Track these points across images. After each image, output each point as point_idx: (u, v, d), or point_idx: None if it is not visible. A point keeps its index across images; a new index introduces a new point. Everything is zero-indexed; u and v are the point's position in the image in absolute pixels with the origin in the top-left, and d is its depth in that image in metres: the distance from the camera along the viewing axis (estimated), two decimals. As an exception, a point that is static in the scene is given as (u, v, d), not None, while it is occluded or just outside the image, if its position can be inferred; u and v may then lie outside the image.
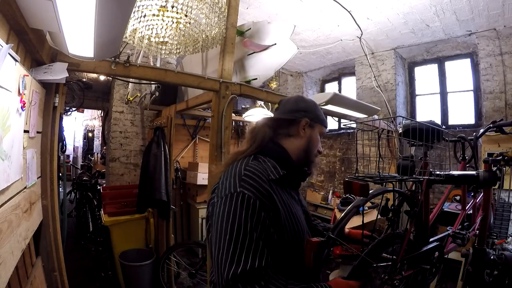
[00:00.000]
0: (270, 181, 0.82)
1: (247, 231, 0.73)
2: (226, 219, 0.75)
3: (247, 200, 0.76)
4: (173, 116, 2.75)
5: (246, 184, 0.78)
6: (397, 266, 1.17)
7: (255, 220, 0.75)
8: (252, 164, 0.85)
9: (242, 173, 0.81)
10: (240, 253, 0.70)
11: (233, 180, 0.81)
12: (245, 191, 0.77)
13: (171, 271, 2.66)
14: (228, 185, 0.80)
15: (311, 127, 0.98)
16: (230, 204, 0.76)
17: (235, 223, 0.73)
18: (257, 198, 0.77)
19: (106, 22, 0.97)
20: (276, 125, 0.97)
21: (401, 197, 1.30)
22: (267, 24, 2.23)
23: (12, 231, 1.02)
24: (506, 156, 1.42)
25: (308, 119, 0.97)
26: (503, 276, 1.43)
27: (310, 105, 1.01)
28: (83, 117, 9.85)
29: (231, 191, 0.78)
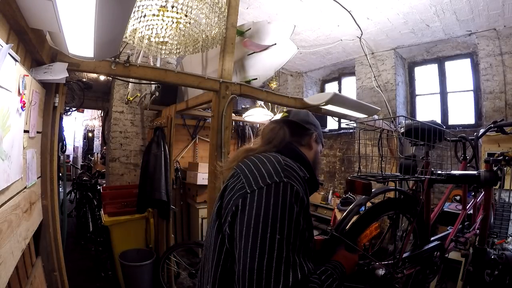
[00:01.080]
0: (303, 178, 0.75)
1: (299, 231, 0.62)
2: (273, 215, 0.61)
3: (295, 194, 0.65)
4: (173, 116, 2.74)
5: (291, 175, 0.68)
6: (398, 264, 1.18)
7: (306, 218, 0.66)
8: (286, 158, 0.77)
9: (282, 162, 0.71)
10: (294, 261, 0.59)
11: (272, 168, 0.69)
12: (293, 183, 0.66)
13: (171, 271, 2.66)
14: (266, 173, 0.68)
15: (317, 143, 0.98)
16: (276, 196, 0.63)
17: (287, 220, 0.61)
18: (303, 194, 0.68)
19: (106, 22, 0.96)
20: (293, 130, 0.94)
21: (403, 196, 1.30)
22: (267, 24, 2.23)
23: (12, 231, 1.02)
24: (507, 156, 1.42)
25: (317, 134, 0.98)
26: (504, 276, 1.43)
27: (318, 123, 1.02)
28: (83, 117, 9.85)
29: (274, 180, 0.66)
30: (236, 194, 0.68)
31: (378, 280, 1.02)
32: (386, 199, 1.22)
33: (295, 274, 0.57)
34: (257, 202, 0.63)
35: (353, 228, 1.10)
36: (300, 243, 0.61)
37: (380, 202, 1.19)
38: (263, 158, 0.75)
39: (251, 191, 0.65)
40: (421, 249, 1.34)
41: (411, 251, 1.34)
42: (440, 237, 1.51)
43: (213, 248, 0.72)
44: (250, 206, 0.63)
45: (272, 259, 0.57)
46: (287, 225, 0.60)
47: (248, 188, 0.67)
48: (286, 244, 0.58)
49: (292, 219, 0.61)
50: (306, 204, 0.67)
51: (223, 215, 0.71)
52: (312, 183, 0.85)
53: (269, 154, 0.79)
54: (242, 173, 0.73)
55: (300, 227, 0.62)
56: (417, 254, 1.31)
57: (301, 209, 0.65)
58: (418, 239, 1.37)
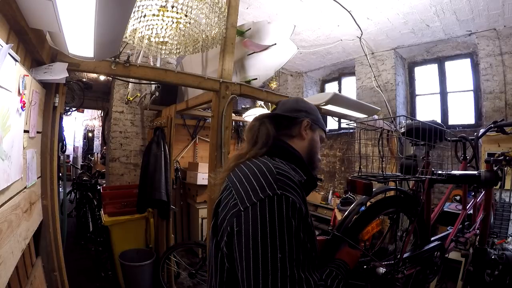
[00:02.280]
0: (298, 184, 0.69)
1: (300, 244, 0.59)
2: (271, 234, 0.57)
3: (292, 206, 0.61)
4: (173, 116, 2.74)
5: (285, 185, 0.64)
6: (399, 264, 1.17)
7: (305, 228, 0.63)
8: (278, 164, 0.71)
9: (274, 172, 0.66)
10: (299, 277, 0.56)
11: (263, 180, 0.64)
12: (288, 194, 0.62)
13: (171, 271, 2.66)
14: (258, 186, 0.63)
15: (312, 130, 0.89)
16: (272, 212, 0.59)
17: (286, 237, 0.58)
18: (300, 204, 0.63)
19: (106, 22, 0.96)
20: (277, 123, 0.85)
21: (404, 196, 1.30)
22: (267, 24, 2.23)
23: (12, 231, 1.02)
24: (507, 156, 1.42)
25: (310, 120, 0.88)
26: (504, 276, 1.43)
27: (311, 106, 0.94)
28: (83, 117, 9.84)
29: (267, 193, 0.61)
30: (229, 212, 0.65)
31: (379, 279, 1.02)
32: (386, 197, 1.22)
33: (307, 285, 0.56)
34: (253, 221, 0.59)
35: (355, 225, 1.10)
36: (304, 256, 0.59)
37: (381, 200, 1.19)
38: (253, 168, 0.69)
39: (244, 208, 0.62)
40: (421, 249, 1.34)
41: (411, 251, 1.34)
42: (440, 237, 1.51)
43: (214, 266, 0.70)
44: (246, 225, 0.60)
45: (276, 280, 0.55)
46: (287, 241, 0.57)
47: (241, 206, 0.63)
48: (289, 261, 0.56)
49: (292, 234, 0.58)
50: (304, 214, 0.64)
51: (219, 233, 0.68)
52: (310, 183, 0.80)
53: (259, 160, 0.73)
54: (234, 187, 0.68)
55: (300, 240, 0.60)
56: (417, 254, 1.31)
57: (300, 221, 0.61)
58: (418, 239, 1.37)
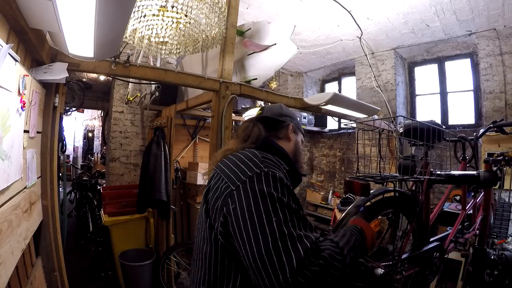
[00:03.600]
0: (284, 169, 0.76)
1: (293, 210, 0.63)
2: (263, 201, 0.62)
3: (279, 179, 0.66)
4: (173, 116, 2.74)
5: (270, 165, 0.70)
6: (397, 265, 1.17)
7: (294, 195, 0.67)
8: (263, 153, 0.77)
9: (259, 156, 0.73)
10: (298, 235, 0.59)
11: (250, 162, 0.71)
12: (274, 171, 0.68)
13: (171, 271, 2.66)
14: (246, 168, 0.69)
15: (296, 133, 0.99)
16: (260, 183, 0.64)
17: (280, 201, 0.62)
18: (287, 180, 0.69)
19: (106, 22, 0.97)
20: (268, 125, 0.95)
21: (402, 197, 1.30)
22: (267, 24, 2.23)
23: (12, 231, 1.02)
24: (506, 156, 1.42)
25: (294, 124, 0.98)
26: (504, 276, 1.43)
27: (293, 114, 1.03)
28: (83, 117, 9.85)
29: (255, 171, 0.67)
30: (222, 194, 0.69)
31: (377, 280, 1.02)
32: (385, 197, 1.22)
33: (303, 245, 0.58)
34: (245, 195, 0.64)
35: None
36: (298, 219, 0.62)
37: (379, 200, 1.19)
38: (240, 155, 0.76)
39: (236, 187, 0.67)
40: (420, 250, 1.34)
41: (410, 252, 1.34)
42: (439, 238, 1.51)
43: (206, 246, 0.73)
44: (240, 200, 0.64)
45: (276, 241, 0.57)
46: (280, 207, 0.62)
47: (232, 186, 0.68)
48: (284, 223, 0.59)
49: (283, 201, 0.63)
50: (291, 189, 0.68)
51: (211, 215, 0.72)
52: (294, 176, 0.85)
53: (246, 150, 0.79)
54: (223, 173, 0.73)
55: (292, 207, 0.63)
56: (416, 255, 1.31)
57: (289, 193, 0.66)
58: (417, 239, 1.37)
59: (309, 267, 0.55)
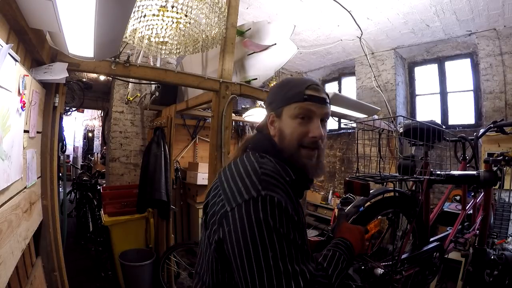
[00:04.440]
0: (286, 182, 0.69)
1: (290, 241, 0.60)
2: (259, 231, 0.58)
3: (277, 204, 0.61)
4: (173, 116, 2.74)
5: (269, 185, 0.64)
6: (397, 265, 1.17)
7: (294, 226, 0.63)
8: (263, 161, 0.71)
9: (259, 172, 0.66)
10: (293, 271, 0.58)
11: (248, 180, 0.65)
12: (272, 194, 0.62)
13: (171, 271, 2.66)
14: (243, 187, 0.64)
15: (278, 117, 0.80)
16: (257, 212, 0.60)
17: (277, 232, 0.59)
18: (286, 203, 0.63)
19: (106, 22, 0.97)
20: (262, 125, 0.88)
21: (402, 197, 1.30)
22: (267, 24, 2.23)
23: (12, 231, 1.02)
24: (506, 156, 1.42)
25: (272, 110, 0.81)
26: (503, 276, 1.43)
27: (272, 92, 0.85)
28: (83, 117, 9.84)
29: (251, 194, 0.62)
30: (218, 211, 0.66)
31: (377, 280, 1.02)
32: (384, 197, 1.22)
33: (297, 283, 0.57)
34: (240, 221, 0.60)
35: None
36: (295, 251, 0.60)
37: (379, 200, 1.19)
38: (240, 167, 0.70)
39: (231, 209, 0.63)
40: (420, 250, 1.34)
41: (410, 252, 1.34)
42: (439, 238, 1.51)
43: (208, 254, 0.72)
44: (234, 225, 0.61)
45: (271, 278, 0.57)
46: (276, 239, 0.59)
47: (227, 206, 0.64)
48: (280, 258, 0.58)
49: (280, 232, 0.59)
50: (292, 212, 0.63)
51: (208, 227, 0.70)
52: (301, 182, 0.77)
53: (247, 158, 0.73)
54: (221, 186, 0.69)
55: (290, 236, 0.60)
56: (416, 255, 1.31)
57: (288, 220, 0.62)
58: (417, 239, 1.37)
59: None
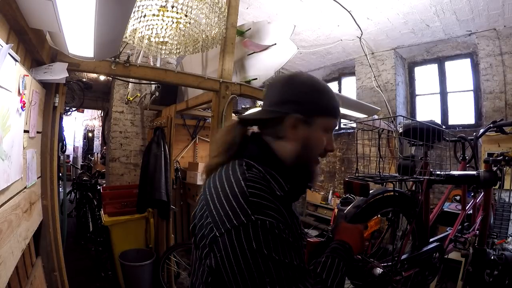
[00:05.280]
0: (277, 198, 0.63)
1: (286, 265, 0.57)
2: (255, 263, 0.55)
3: (270, 230, 0.57)
4: (173, 116, 2.74)
5: (259, 207, 0.58)
6: (397, 266, 1.17)
7: (290, 248, 0.59)
8: (251, 176, 0.63)
9: (247, 194, 0.59)
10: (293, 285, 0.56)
11: (235, 202, 0.59)
12: (264, 218, 0.57)
13: (171, 271, 2.66)
14: (230, 211, 0.59)
15: (308, 124, 0.68)
16: (249, 240, 0.56)
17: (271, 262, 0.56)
18: (279, 224, 0.59)
19: (106, 22, 0.97)
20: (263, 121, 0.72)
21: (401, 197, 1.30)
22: (267, 24, 2.23)
23: (12, 231, 1.02)
24: (506, 156, 1.42)
25: (300, 114, 0.67)
26: (503, 276, 1.43)
27: (302, 91, 0.69)
28: (83, 117, 9.84)
29: (241, 220, 0.57)
30: (207, 235, 0.61)
31: (376, 280, 1.02)
32: (383, 196, 1.22)
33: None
34: (232, 250, 0.56)
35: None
36: (293, 272, 0.58)
37: (377, 199, 1.19)
38: (225, 186, 0.63)
39: (220, 234, 0.58)
40: (419, 250, 1.34)
41: (410, 252, 1.34)
42: (439, 238, 1.51)
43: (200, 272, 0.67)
44: (226, 254, 0.57)
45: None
46: (273, 266, 0.56)
47: (216, 231, 0.59)
48: (278, 283, 0.55)
49: (275, 259, 0.56)
50: (286, 236, 0.60)
51: (198, 248, 0.65)
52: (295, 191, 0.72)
53: (233, 172, 0.65)
54: (208, 207, 0.63)
55: (286, 260, 0.57)
56: (415, 256, 1.31)
57: (283, 244, 0.58)
58: (417, 240, 1.37)
59: None
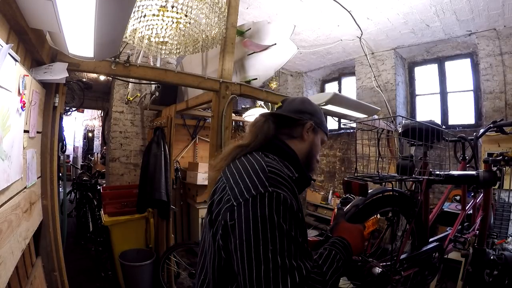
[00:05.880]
0: (290, 180, 0.73)
1: (291, 238, 0.62)
2: (263, 225, 0.61)
3: (283, 201, 0.64)
4: (173, 116, 2.75)
5: (276, 182, 0.67)
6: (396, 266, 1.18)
7: (297, 220, 0.66)
8: (270, 160, 0.75)
9: (266, 170, 0.69)
10: (290, 266, 0.60)
11: (256, 177, 0.68)
12: (279, 191, 0.65)
13: (171, 271, 2.66)
14: (250, 184, 0.67)
15: (315, 132, 0.91)
16: (262, 206, 0.63)
17: (279, 228, 0.61)
18: (292, 200, 0.66)
19: (106, 22, 0.97)
20: (279, 122, 0.88)
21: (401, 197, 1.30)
22: (267, 24, 2.23)
23: (12, 231, 1.02)
24: (506, 156, 1.42)
25: (314, 123, 0.90)
26: (503, 276, 1.43)
27: (316, 109, 0.94)
28: (83, 117, 9.85)
29: (259, 190, 0.65)
30: (223, 207, 0.68)
31: (375, 279, 1.02)
32: (382, 196, 1.22)
33: (293, 278, 0.59)
34: (245, 216, 0.63)
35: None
36: (295, 247, 0.62)
37: (376, 198, 1.19)
38: (247, 165, 0.74)
39: (238, 203, 0.65)
40: (419, 250, 1.34)
41: (409, 252, 1.34)
42: (439, 238, 1.51)
43: (210, 254, 0.73)
44: (239, 220, 0.63)
45: (268, 270, 0.59)
46: (278, 235, 0.61)
47: (234, 201, 0.66)
48: (279, 253, 0.60)
49: (283, 229, 0.62)
50: (296, 210, 0.67)
51: (214, 225, 0.71)
52: (303, 180, 0.83)
53: (253, 157, 0.77)
54: (228, 183, 0.72)
55: (292, 234, 0.63)
56: (415, 256, 1.31)
57: (291, 217, 0.65)
58: (416, 240, 1.37)
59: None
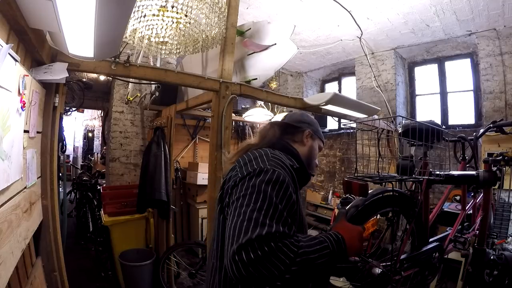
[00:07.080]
0: (292, 167, 0.87)
1: (276, 202, 0.72)
2: (252, 190, 0.74)
3: (276, 175, 0.77)
4: (173, 116, 2.75)
5: (275, 164, 0.82)
6: (396, 266, 1.18)
7: (285, 194, 0.75)
8: (274, 152, 0.90)
9: (269, 155, 0.85)
10: (268, 223, 0.68)
11: (260, 159, 0.83)
12: (275, 169, 0.79)
13: (171, 271, 2.66)
14: (255, 163, 0.82)
15: (313, 139, 1.07)
16: (258, 177, 0.77)
17: (265, 193, 0.73)
18: (286, 178, 0.79)
19: (106, 22, 0.97)
20: (284, 129, 1.06)
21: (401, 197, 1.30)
22: (267, 24, 2.23)
23: (12, 231, 1.02)
24: (506, 156, 1.42)
25: (311, 130, 1.07)
26: (503, 276, 1.43)
27: (313, 120, 1.12)
28: (83, 117, 9.84)
29: (260, 166, 0.80)
30: (231, 179, 0.83)
31: (375, 279, 1.02)
32: (382, 196, 1.22)
33: (259, 230, 0.66)
34: (246, 182, 0.77)
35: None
36: (273, 212, 0.70)
37: (376, 199, 1.19)
38: (256, 153, 0.89)
39: (242, 176, 0.80)
40: (419, 250, 1.34)
41: (409, 252, 1.34)
42: (439, 238, 1.51)
43: (217, 228, 0.85)
44: (241, 184, 0.78)
45: (243, 221, 0.68)
46: (262, 197, 0.72)
47: (240, 175, 0.81)
48: (257, 210, 0.69)
49: (267, 194, 0.73)
50: (289, 189, 0.77)
51: (224, 199, 0.84)
52: (302, 174, 0.95)
53: (261, 149, 0.91)
54: (238, 165, 0.87)
55: (273, 201, 0.72)
56: (415, 256, 1.31)
57: (281, 190, 0.75)
58: (416, 240, 1.37)
59: (254, 248, 0.64)
